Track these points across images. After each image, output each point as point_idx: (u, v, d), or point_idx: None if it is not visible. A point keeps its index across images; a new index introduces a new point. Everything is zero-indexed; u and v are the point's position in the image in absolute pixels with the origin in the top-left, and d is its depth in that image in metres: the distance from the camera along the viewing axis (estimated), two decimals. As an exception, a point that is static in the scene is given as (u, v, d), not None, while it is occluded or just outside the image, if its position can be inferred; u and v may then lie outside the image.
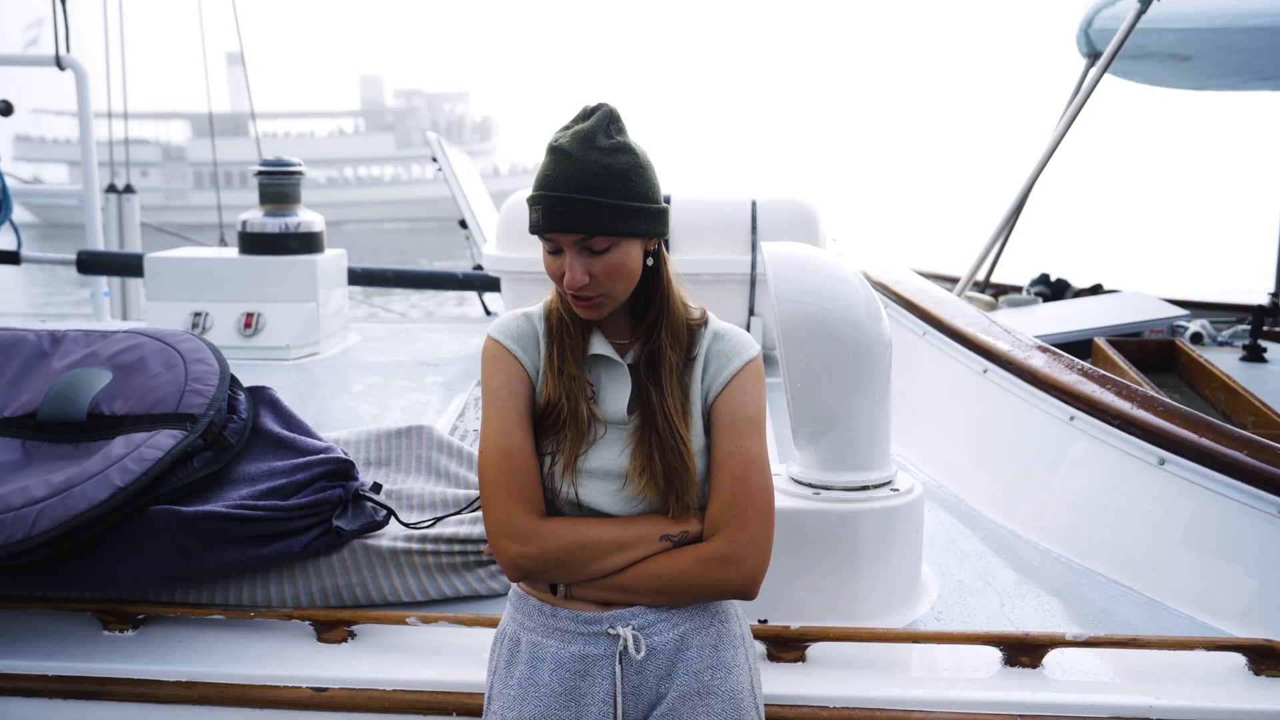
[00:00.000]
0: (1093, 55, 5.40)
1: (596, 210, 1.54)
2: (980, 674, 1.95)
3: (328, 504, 2.16)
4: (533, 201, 1.58)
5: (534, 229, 1.59)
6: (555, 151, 1.57)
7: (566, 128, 1.60)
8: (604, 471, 1.63)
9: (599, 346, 1.65)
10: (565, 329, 1.66)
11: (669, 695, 1.60)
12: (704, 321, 1.70)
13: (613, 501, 1.63)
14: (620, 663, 1.60)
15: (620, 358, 1.66)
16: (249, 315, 4.27)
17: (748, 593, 1.61)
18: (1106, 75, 4.60)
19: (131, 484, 2.00)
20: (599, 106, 1.62)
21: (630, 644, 1.59)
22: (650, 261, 1.64)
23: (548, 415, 1.64)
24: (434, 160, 5.77)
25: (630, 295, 1.64)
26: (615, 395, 1.65)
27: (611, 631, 1.61)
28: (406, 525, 2.27)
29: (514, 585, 1.73)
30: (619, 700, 1.59)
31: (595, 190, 1.53)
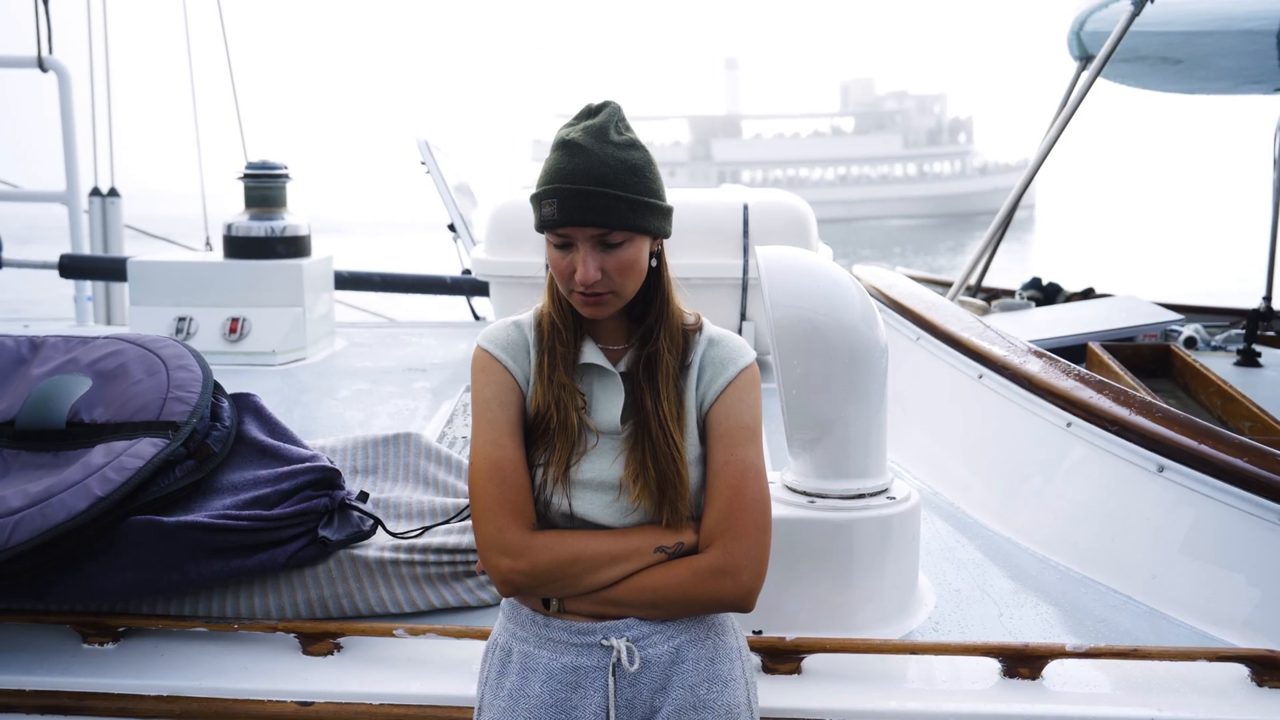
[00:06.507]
0: (1084, 58, 5.38)
1: (615, 204, 1.50)
2: (979, 685, 1.92)
3: (313, 513, 2.12)
4: (544, 195, 1.52)
5: (546, 224, 1.53)
6: (567, 145, 1.52)
7: (573, 123, 1.56)
8: (597, 482, 1.59)
9: (590, 355, 1.61)
10: (557, 335, 1.62)
11: (664, 709, 1.56)
12: (698, 327, 1.67)
13: (607, 513, 1.58)
14: (613, 675, 1.56)
15: (612, 366, 1.62)
16: (234, 320, 4.21)
17: (744, 605, 1.57)
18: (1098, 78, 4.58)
19: (111, 494, 1.95)
20: (605, 104, 1.59)
21: (624, 656, 1.55)
22: (654, 262, 1.61)
23: (538, 425, 1.60)
24: (422, 163, 5.72)
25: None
26: (608, 405, 1.61)
27: (605, 643, 1.56)
28: (394, 535, 2.23)
29: None
30: (612, 713, 1.55)
31: (614, 184, 1.50)
